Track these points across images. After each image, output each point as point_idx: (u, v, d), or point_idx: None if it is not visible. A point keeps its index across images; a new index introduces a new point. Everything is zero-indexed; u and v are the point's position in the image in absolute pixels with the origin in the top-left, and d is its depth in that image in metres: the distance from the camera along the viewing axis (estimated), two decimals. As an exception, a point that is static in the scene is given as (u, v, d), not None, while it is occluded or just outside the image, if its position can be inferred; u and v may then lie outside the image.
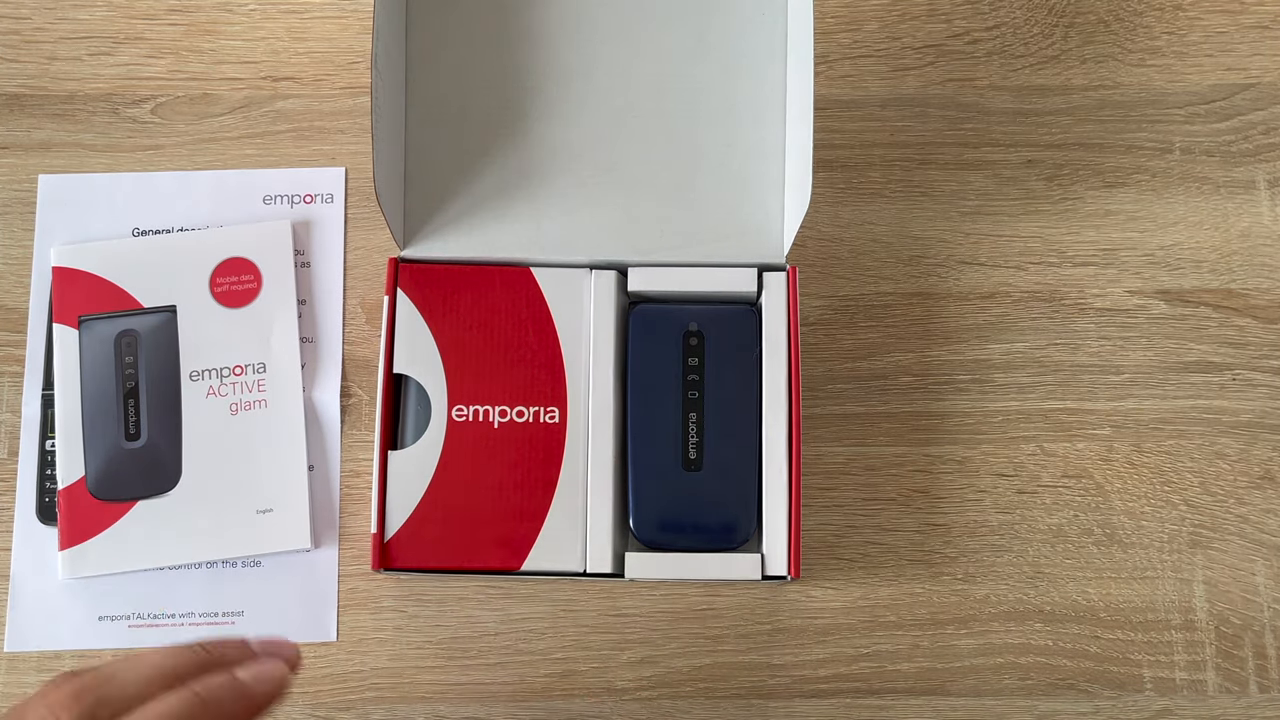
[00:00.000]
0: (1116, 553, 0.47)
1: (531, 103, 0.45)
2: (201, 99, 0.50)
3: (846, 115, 0.50)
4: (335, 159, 0.50)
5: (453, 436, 0.43)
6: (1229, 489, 0.47)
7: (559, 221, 0.45)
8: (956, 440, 0.48)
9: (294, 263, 0.48)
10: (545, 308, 0.44)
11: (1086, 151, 0.50)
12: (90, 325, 0.47)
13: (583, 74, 0.45)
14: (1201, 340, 0.48)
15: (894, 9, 0.51)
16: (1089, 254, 0.49)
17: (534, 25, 0.46)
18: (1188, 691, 0.45)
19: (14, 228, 0.49)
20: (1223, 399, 0.48)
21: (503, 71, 0.46)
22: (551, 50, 0.46)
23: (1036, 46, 0.51)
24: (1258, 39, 0.51)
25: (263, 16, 0.51)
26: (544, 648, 0.46)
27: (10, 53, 0.51)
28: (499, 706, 0.45)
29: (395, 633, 0.46)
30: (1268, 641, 0.46)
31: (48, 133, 0.50)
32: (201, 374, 0.47)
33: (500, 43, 0.46)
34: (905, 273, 0.49)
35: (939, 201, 0.50)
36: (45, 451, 0.47)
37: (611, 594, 0.46)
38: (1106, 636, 0.46)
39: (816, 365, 0.48)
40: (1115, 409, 0.48)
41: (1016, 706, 0.45)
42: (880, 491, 0.47)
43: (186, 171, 0.50)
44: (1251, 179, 0.50)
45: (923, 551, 0.47)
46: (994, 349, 0.48)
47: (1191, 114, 0.50)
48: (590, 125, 0.45)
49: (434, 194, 0.45)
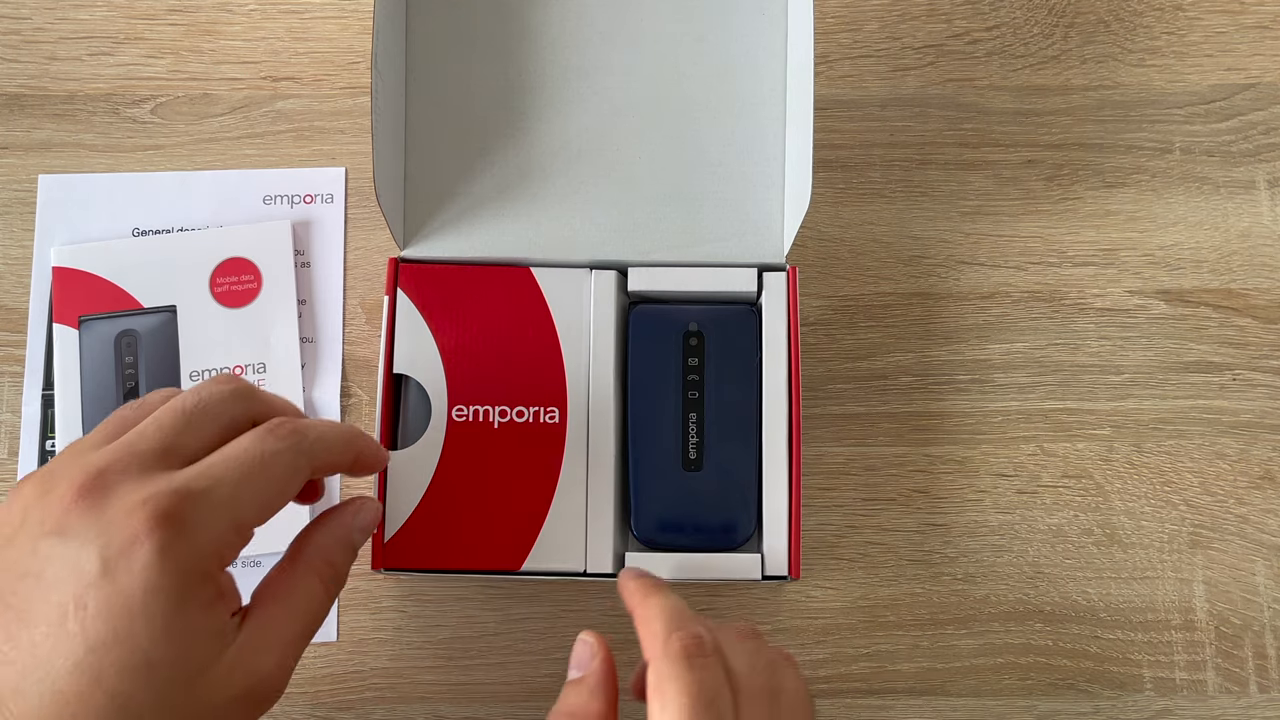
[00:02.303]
0: (1116, 553, 0.47)
1: (531, 102, 0.45)
2: (201, 99, 0.50)
3: (846, 115, 0.50)
4: (335, 159, 0.50)
5: (453, 437, 0.43)
6: (1229, 489, 0.47)
7: (559, 221, 0.45)
8: (956, 440, 0.48)
9: (294, 263, 0.48)
10: (545, 308, 0.44)
11: (1086, 151, 0.50)
12: (90, 325, 0.47)
13: (582, 74, 0.45)
14: (1201, 340, 0.48)
15: (894, 9, 0.51)
16: (1089, 254, 0.49)
17: (534, 25, 0.46)
18: (1188, 691, 0.45)
19: (14, 228, 0.49)
20: (1223, 399, 0.48)
21: (503, 71, 0.46)
22: (552, 50, 0.46)
23: (1036, 46, 0.51)
24: (1258, 39, 0.51)
25: (263, 16, 0.51)
26: (544, 648, 0.46)
27: (10, 53, 0.51)
28: (499, 706, 0.45)
29: (395, 633, 0.46)
30: (1268, 641, 0.46)
31: (48, 133, 0.50)
32: (201, 374, 0.47)
33: (500, 43, 0.46)
34: (905, 273, 0.49)
35: (939, 201, 0.50)
36: (45, 451, 0.47)
37: (612, 594, 0.46)
38: (1106, 636, 0.46)
39: (816, 365, 0.48)
40: (1115, 409, 0.48)
41: (1016, 706, 0.45)
42: (880, 491, 0.47)
43: (186, 171, 0.50)
44: (1251, 179, 0.50)
45: (923, 551, 0.47)
46: (994, 349, 0.48)
47: (1191, 114, 0.50)
48: (590, 125, 0.45)
49: (434, 194, 0.45)
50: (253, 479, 0.32)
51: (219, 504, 0.31)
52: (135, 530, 0.29)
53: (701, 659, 0.31)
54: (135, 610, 0.29)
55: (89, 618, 0.28)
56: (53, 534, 0.29)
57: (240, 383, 0.34)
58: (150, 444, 0.31)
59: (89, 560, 0.29)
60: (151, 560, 0.29)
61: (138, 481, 0.30)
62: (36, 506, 0.30)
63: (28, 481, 0.31)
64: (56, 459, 0.32)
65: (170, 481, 0.30)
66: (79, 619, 0.28)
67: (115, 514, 0.29)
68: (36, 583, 0.29)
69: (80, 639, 0.28)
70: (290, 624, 0.33)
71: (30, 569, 0.29)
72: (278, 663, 0.32)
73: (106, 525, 0.29)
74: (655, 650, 0.32)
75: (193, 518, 0.30)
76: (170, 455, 0.31)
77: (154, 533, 0.29)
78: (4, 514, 0.31)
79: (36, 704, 0.28)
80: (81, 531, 0.29)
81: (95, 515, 0.29)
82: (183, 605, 0.29)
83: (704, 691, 0.31)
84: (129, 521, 0.29)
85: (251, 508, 0.32)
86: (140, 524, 0.29)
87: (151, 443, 0.31)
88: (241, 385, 0.34)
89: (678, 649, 0.32)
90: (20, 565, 0.29)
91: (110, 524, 0.29)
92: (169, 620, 0.29)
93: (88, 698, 0.28)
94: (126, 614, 0.29)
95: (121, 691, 0.28)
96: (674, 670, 0.31)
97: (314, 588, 0.34)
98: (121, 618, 0.28)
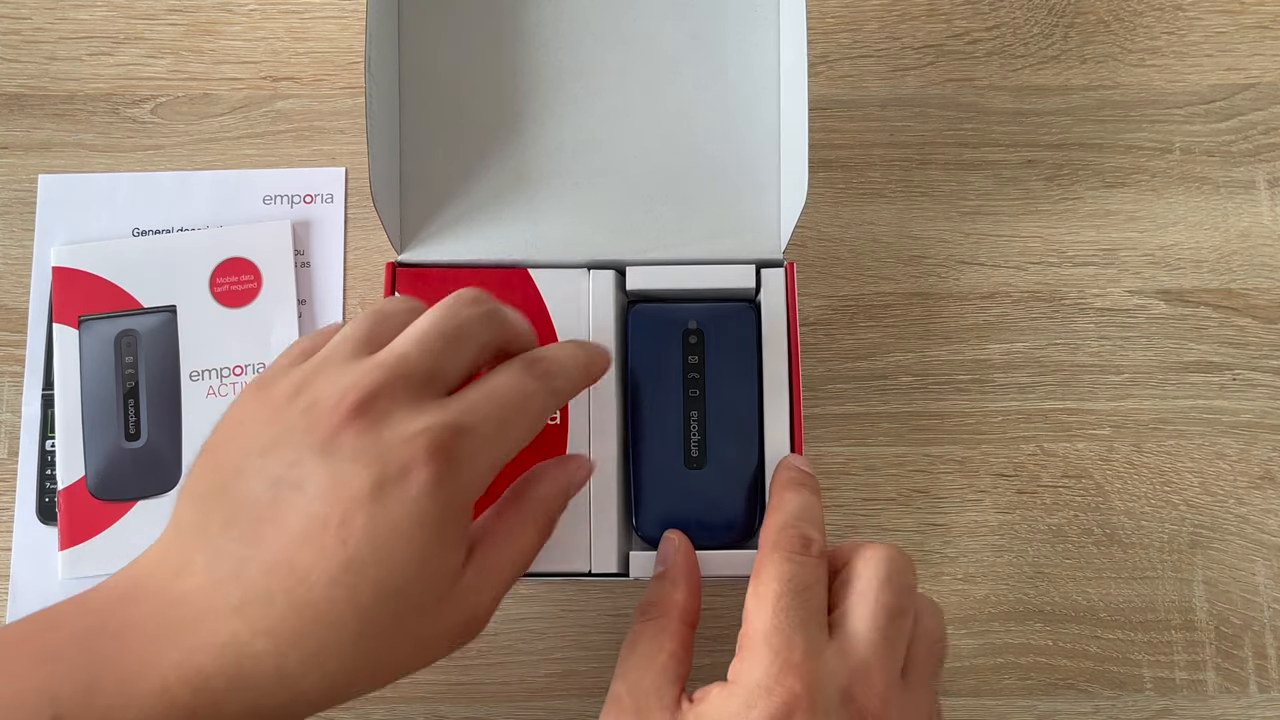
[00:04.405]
0: (1116, 553, 0.47)
1: (526, 104, 0.45)
2: (201, 99, 0.50)
3: (846, 115, 0.50)
4: (335, 159, 0.50)
5: None
6: (1229, 489, 0.47)
7: (556, 222, 0.45)
8: (956, 440, 0.48)
9: (294, 263, 0.48)
10: (544, 308, 0.44)
11: (1086, 151, 0.50)
12: (90, 325, 0.47)
13: (577, 75, 0.45)
14: (1201, 340, 0.48)
15: (894, 9, 0.51)
16: (1089, 254, 0.49)
17: (528, 26, 0.46)
18: (1188, 691, 0.45)
19: (14, 228, 0.49)
20: (1223, 399, 0.48)
21: (497, 73, 0.46)
22: (546, 51, 0.46)
23: (1036, 46, 0.51)
24: (1258, 39, 0.51)
25: (263, 16, 0.51)
26: (544, 648, 0.46)
27: (10, 53, 0.51)
28: (499, 706, 0.45)
29: (395, 633, 0.46)
30: (1268, 641, 0.46)
31: (48, 133, 0.50)
32: (201, 374, 0.47)
33: (494, 44, 0.46)
34: (905, 273, 0.49)
35: (939, 201, 0.50)
36: (45, 451, 0.47)
37: (612, 594, 0.46)
38: (1106, 636, 0.46)
39: (816, 365, 0.48)
40: (1115, 409, 0.48)
41: (1016, 706, 0.45)
42: (880, 491, 0.47)
43: (186, 171, 0.50)
44: (1251, 179, 0.50)
45: (923, 551, 0.47)
46: (994, 349, 0.48)
47: (1191, 114, 0.50)
48: (585, 126, 0.45)
49: (430, 197, 0.45)
50: (514, 420, 0.32)
51: (484, 443, 0.31)
52: (412, 459, 0.29)
53: (803, 556, 0.34)
54: (400, 537, 0.29)
55: (352, 535, 0.28)
56: (319, 450, 0.29)
57: (490, 303, 0.35)
58: (417, 368, 0.31)
59: (361, 480, 0.29)
60: (424, 491, 0.29)
61: (412, 409, 0.30)
62: (299, 420, 0.30)
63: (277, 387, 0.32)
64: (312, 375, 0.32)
65: (444, 414, 0.31)
66: (340, 535, 0.28)
67: (392, 439, 0.30)
68: (296, 494, 0.29)
69: (341, 554, 0.28)
70: (507, 569, 0.33)
71: (290, 479, 0.29)
72: (491, 601, 0.33)
73: (383, 450, 0.29)
74: (765, 539, 0.35)
75: (462, 454, 0.30)
76: (436, 381, 0.32)
77: (429, 464, 0.29)
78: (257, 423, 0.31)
79: (284, 613, 0.28)
80: (355, 452, 0.29)
81: (371, 438, 0.29)
82: (440, 539, 0.30)
83: (795, 580, 0.33)
84: (406, 450, 0.29)
85: (508, 448, 0.32)
86: (417, 453, 0.29)
87: (419, 366, 0.31)
88: (492, 307, 0.35)
89: (781, 542, 0.34)
90: (278, 474, 0.29)
91: (387, 449, 0.29)
92: (426, 552, 0.29)
93: (339, 613, 0.28)
94: (391, 539, 0.29)
95: (370, 612, 0.29)
96: (772, 558, 0.33)
97: (531, 536, 0.34)
98: (386, 542, 0.29)
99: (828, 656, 0.32)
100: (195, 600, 0.29)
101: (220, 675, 0.28)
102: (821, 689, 0.31)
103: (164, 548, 0.30)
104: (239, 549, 0.29)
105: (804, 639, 0.32)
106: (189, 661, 0.28)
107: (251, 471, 0.30)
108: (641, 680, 0.34)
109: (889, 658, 0.33)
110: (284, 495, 0.29)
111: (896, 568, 0.34)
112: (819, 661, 0.32)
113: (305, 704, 0.29)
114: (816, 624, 0.32)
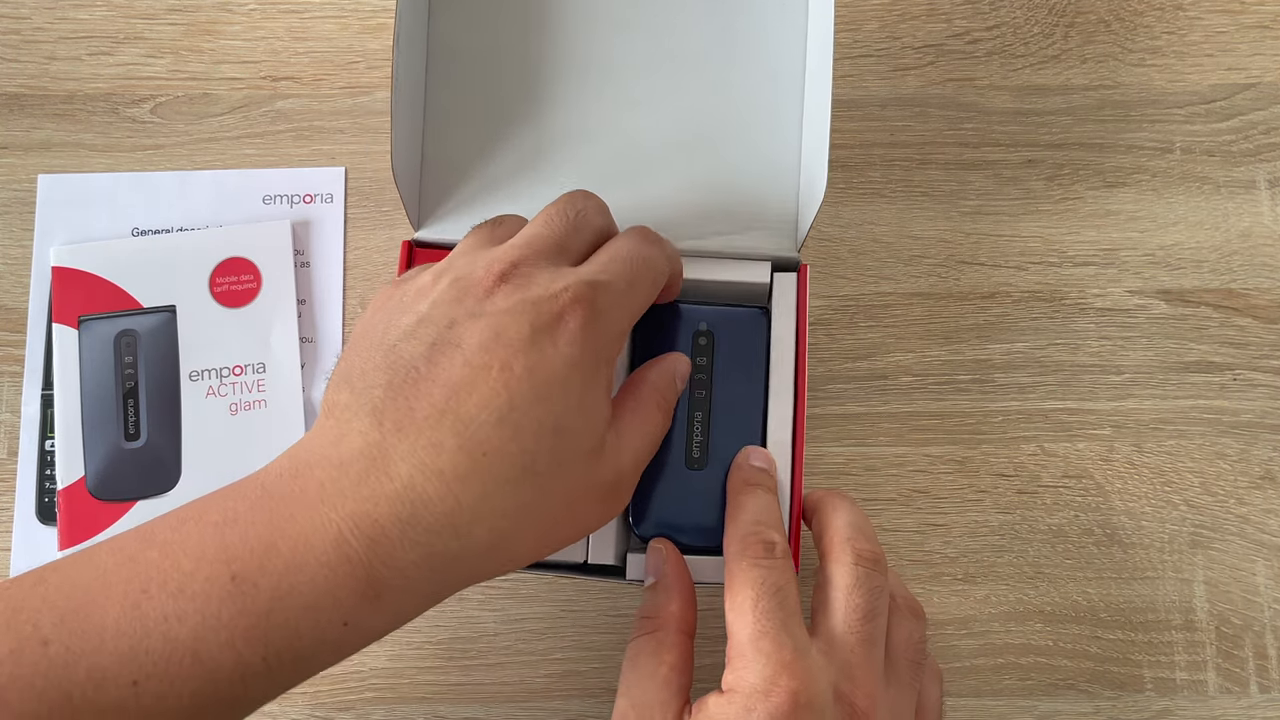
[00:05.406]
0: (1117, 553, 0.47)
1: (550, 89, 0.45)
2: (201, 99, 0.50)
3: (846, 115, 0.50)
4: (335, 159, 0.50)
5: None
6: (1229, 489, 0.47)
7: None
8: (956, 440, 0.47)
9: (294, 263, 0.48)
10: None
11: (1086, 151, 0.50)
12: (90, 325, 0.47)
13: (601, 64, 0.45)
14: (1202, 340, 0.48)
15: (894, 9, 0.51)
16: (1089, 254, 0.49)
17: (556, 14, 0.46)
18: (1188, 692, 0.45)
19: (14, 228, 0.49)
20: (1223, 399, 0.48)
21: (524, 58, 0.46)
22: (572, 40, 0.46)
23: (1036, 46, 0.51)
24: (1258, 39, 0.51)
25: (263, 16, 0.51)
26: (544, 648, 0.46)
27: (10, 53, 0.51)
28: (499, 706, 0.45)
29: (395, 633, 0.45)
30: (1268, 641, 0.46)
31: (48, 133, 0.50)
32: (201, 374, 0.47)
33: (523, 29, 0.46)
34: (905, 273, 0.49)
35: (939, 201, 0.50)
36: (45, 451, 0.47)
37: (612, 594, 0.46)
38: (1107, 637, 0.46)
39: (816, 365, 0.48)
40: (1115, 409, 0.48)
41: (1016, 706, 0.45)
42: (880, 491, 0.47)
43: (186, 171, 0.50)
44: (1252, 179, 0.50)
45: (923, 551, 0.47)
46: (994, 349, 0.48)
47: (1192, 114, 0.50)
48: (606, 116, 0.45)
49: (449, 176, 0.45)
50: (641, 276, 0.35)
51: (619, 295, 0.34)
52: (561, 308, 0.32)
53: (769, 560, 0.34)
54: (556, 379, 0.31)
55: (514, 378, 0.30)
56: (473, 312, 0.32)
57: (598, 198, 0.38)
58: (549, 241, 0.34)
59: (517, 330, 0.31)
60: (575, 337, 0.32)
61: (552, 271, 0.33)
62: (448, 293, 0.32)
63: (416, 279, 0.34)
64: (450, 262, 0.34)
65: (579, 274, 0.33)
66: (504, 379, 0.30)
67: (541, 295, 0.32)
68: (455, 350, 0.31)
69: (504, 395, 0.30)
70: (641, 437, 0.35)
71: (447, 339, 0.31)
72: (633, 465, 0.35)
73: (534, 303, 0.32)
74: (729, 550, 0.35)
75: (602, 305, 0.33)
76: (566, 253, 0.35)
77: (577, 313, 0.32)
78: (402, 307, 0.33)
79: (454, 455, 0.30)
80: (508, 308, 0.31)
81: (520, 295, 0.32)
82: (592, 382, 0.32)
83: (768, 584, 0.33)
84: (554, 303, 0.32)
85: (639, 302, 0.35)
86: (566, 304, 0.32)
87: (550, 240, 0.34)
88: (600, 201, 0.38)
89: (746, 550, 0.35)
90: (434, 338, 0.31)
91: (538, 302, 0.32)
92: (581, 394, 0.32)
93: (505, 449, 0.30)
94: (548, 380, 0.31)
95: (532, 449, 0.30)
96: (740, 567, 0.34)
97: (656, 414, 0.36)
98: (544, 383, 0.31)
99: (815, 655, 0.33)
100: (362, 459, 0.30)
101: (394, 522, 0.29)
102: (816, 685, 0.32)
103: (321, 428, 0.31)
104: (402, 405, 0.30)
105: (791, 639, 0.32)
106: (362, 512, 0.29)
107: (406, 342, 0.31)
108: (645, 695, 0.34)
109: (869, 657, 0.34)
110: (443, 354, 0.31)
111: (865, 570, 0.35)
112: (809, 659, 0.32)
113: (473, 557, 0.30)
114: (797, 623, 0.33)
